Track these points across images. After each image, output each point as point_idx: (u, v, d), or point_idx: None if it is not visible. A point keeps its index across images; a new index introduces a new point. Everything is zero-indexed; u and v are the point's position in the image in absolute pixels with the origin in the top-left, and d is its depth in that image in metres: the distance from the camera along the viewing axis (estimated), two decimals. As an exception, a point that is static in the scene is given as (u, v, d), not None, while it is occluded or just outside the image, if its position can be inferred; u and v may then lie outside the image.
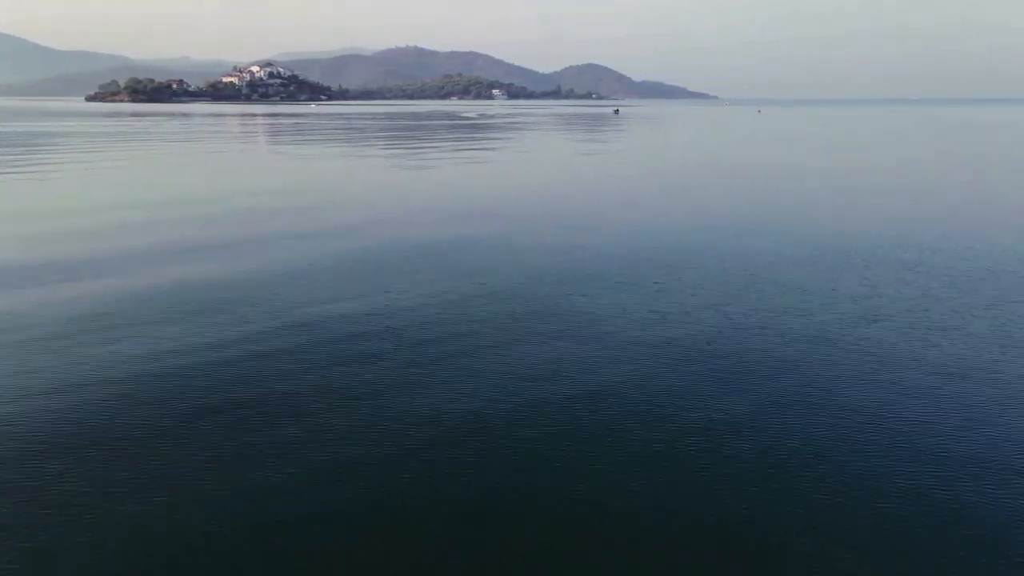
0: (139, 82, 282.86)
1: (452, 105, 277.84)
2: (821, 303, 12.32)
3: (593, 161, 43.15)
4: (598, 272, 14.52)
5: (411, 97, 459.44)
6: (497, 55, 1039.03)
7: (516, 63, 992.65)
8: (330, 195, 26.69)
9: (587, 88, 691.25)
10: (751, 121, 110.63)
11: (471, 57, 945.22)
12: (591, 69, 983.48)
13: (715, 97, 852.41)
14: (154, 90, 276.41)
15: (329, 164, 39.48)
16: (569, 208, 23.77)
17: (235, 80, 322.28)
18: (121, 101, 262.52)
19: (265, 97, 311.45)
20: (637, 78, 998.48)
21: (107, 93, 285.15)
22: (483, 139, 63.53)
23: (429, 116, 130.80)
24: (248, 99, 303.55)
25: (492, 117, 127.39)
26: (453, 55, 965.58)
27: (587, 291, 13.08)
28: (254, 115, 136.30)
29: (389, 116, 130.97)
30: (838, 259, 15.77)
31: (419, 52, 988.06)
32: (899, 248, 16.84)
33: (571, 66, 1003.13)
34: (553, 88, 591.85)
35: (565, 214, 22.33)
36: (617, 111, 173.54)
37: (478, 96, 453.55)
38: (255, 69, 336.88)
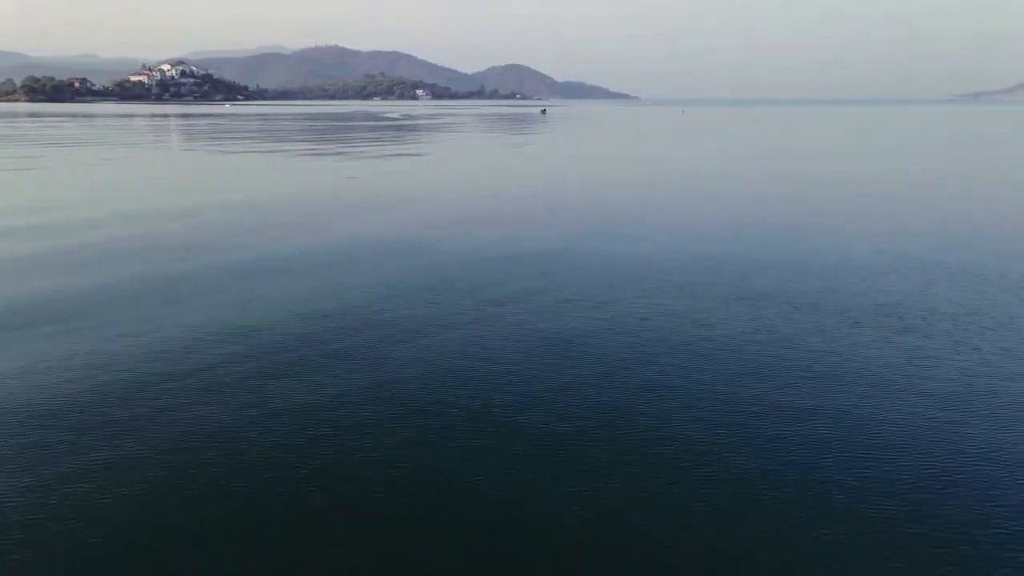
0: (37, 81, 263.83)
1: (375, 105, 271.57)
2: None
3: (551, 161, 40.96)
4: (510, 275, 13.73)
5: (333, 97, 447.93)
6: (420, 55, 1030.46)
7: (439, 63, 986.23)
8: (231, 200, 24.41)
9: (510, 88, 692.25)
10: (681, 120, 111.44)
11: (394, 57, 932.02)
12: (514, 69, 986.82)
13: (635, 97, 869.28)
14: (54, 89, 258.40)
15: (243, 166, 36.05)
16: (513, 209, 22.54)
17: (144, 79, 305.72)
18: (17, 101, 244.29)
19: (177, 97, 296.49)
20: (559, 78, 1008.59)
21: (1, 93, 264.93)
22: (409, 141, 60.53)
23: (352, 117, 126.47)
24: (159, 99, 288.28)
25: (416, 118, 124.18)
26: (375, 55, 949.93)
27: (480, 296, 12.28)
28: (166, 116, 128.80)
29: (310, 116, 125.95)
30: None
31: (340, 51, 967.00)
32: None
33: (494, 67, 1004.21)
34: (477, 88, 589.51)
35: (507, 215, 21.19)
36: (544, 111, 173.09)
37: (401, 96, 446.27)
38: (166, 68, 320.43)
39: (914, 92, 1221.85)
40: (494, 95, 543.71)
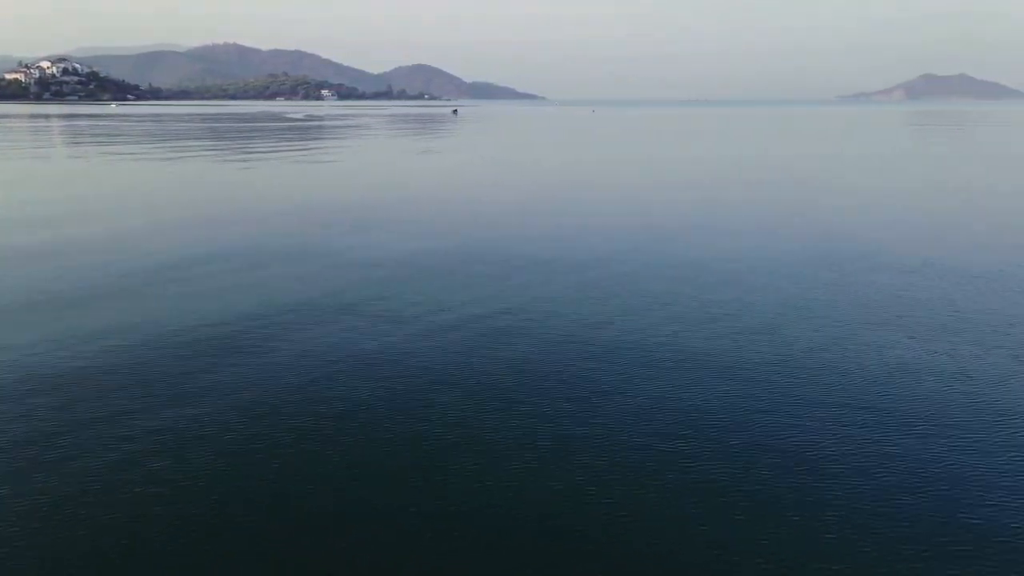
0: None
1: (279, 106, 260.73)
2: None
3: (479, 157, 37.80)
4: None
5: (234, 97, 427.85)
6: (325, 54, 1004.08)
7: (345, 63, 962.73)
8: (111, 208, 20.90)
9: (419, 89, 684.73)
10: (593, 120, 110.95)
11: (297, 56, 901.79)
12: (422, 70, 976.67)
13: (543, 98, 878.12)
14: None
15: (129, 171, 31.06)
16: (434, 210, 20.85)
17: (21, 77, 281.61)
18: None
19: (59, 96, 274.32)
20: (468, 79, 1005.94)
21: None
22: (317, 143, 56.01)
23: (253, 117, 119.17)
24: (39, 98, 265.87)
25: (322, 118, 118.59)
26: (277, 53, 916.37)
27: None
28: (47, 116, 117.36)
29: (206, 117, 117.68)
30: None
31: (240, 49, 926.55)
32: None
33: (401, 67, 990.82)
34: (384, 89, 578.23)
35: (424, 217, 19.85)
36: (456, 111, 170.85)
37: (307, 97, 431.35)
38: (46, 65, 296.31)
39: (807, 94, 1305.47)
40: (402, 95, 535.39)
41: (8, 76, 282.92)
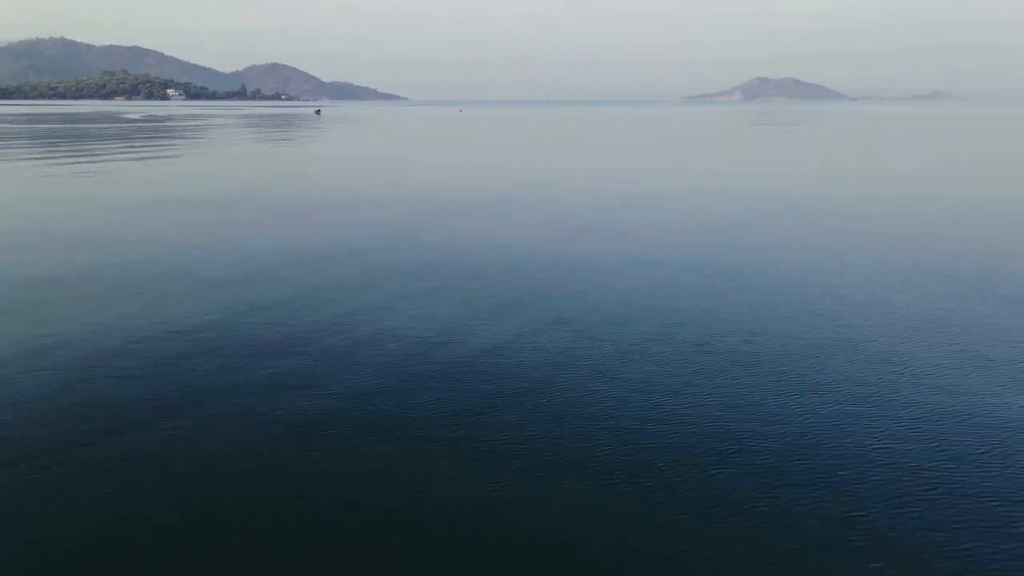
0: None
1: (116, 105, 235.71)
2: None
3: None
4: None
5: (64, 97, 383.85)
6: (169, 51, 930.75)
7: (193, 61, 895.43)
8: None
9: (275, 88, 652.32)
10: (459, 119, 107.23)
11: (136, 53, 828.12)
12: (277, 69, 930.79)
13: (405, 98, 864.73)
14: None
15: None
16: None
17: None
18: None
19: None
20: (326, 79, 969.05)
21: None
22: (160, 144, 47.30)
23: (82, 118, 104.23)
24: None
25: (163, 119, 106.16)
26: (113, 49, 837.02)
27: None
28: None
29: (27, 118, 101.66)
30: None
31: (68, 44, 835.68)
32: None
33: (255, 66, 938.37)
34: (238, 88, 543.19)
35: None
36: (319, 111, 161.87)
37: (150, 96, 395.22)
38: None
39: (659, 94, 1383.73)
40: (258, 96, 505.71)
41: None
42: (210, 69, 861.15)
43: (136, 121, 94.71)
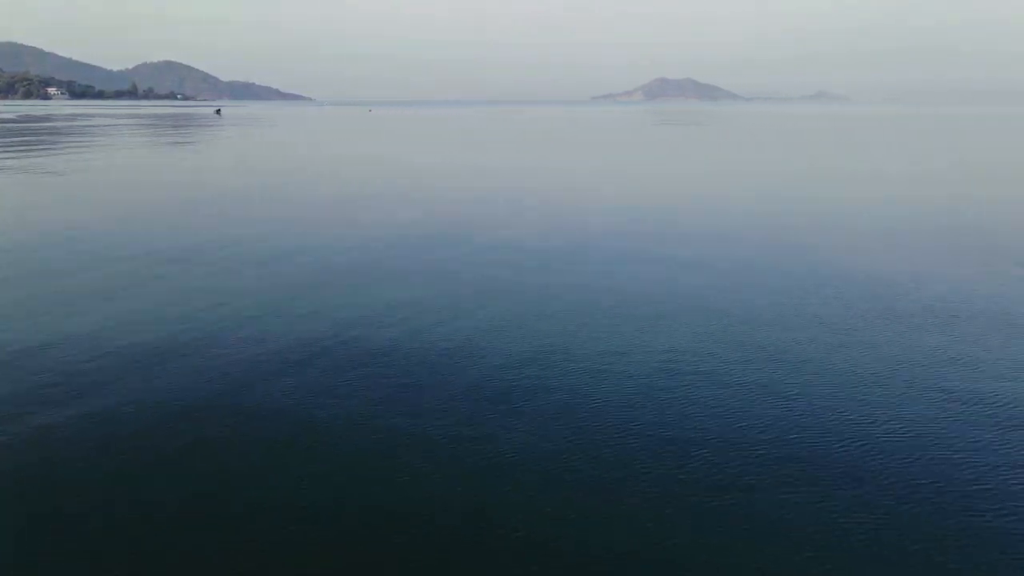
0: None
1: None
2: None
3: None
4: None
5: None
6: (49, 48, 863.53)
7: (76, 58, 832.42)
8: None
9: (168, 87, 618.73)
10: (371, 119, 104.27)
11: (13, 49, 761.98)
12: (171, 67, 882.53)
13: (310, 98, 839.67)
14: None
15: None
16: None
17: None
18: None
19: None
20: (225, 78, 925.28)
21: None
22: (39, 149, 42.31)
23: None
24: None
25: (45, 119, 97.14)
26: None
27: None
28: None
29: None
30: None
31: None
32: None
33: (146, 63, 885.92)
34: (128, 87, 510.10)
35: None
36: (219, 111, 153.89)
37: (28, 95, 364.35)
38: None
39: (567, 94, 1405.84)
40: (150, 95, 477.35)
41: None
42: (97, 67, 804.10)
43: (9, 121, 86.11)
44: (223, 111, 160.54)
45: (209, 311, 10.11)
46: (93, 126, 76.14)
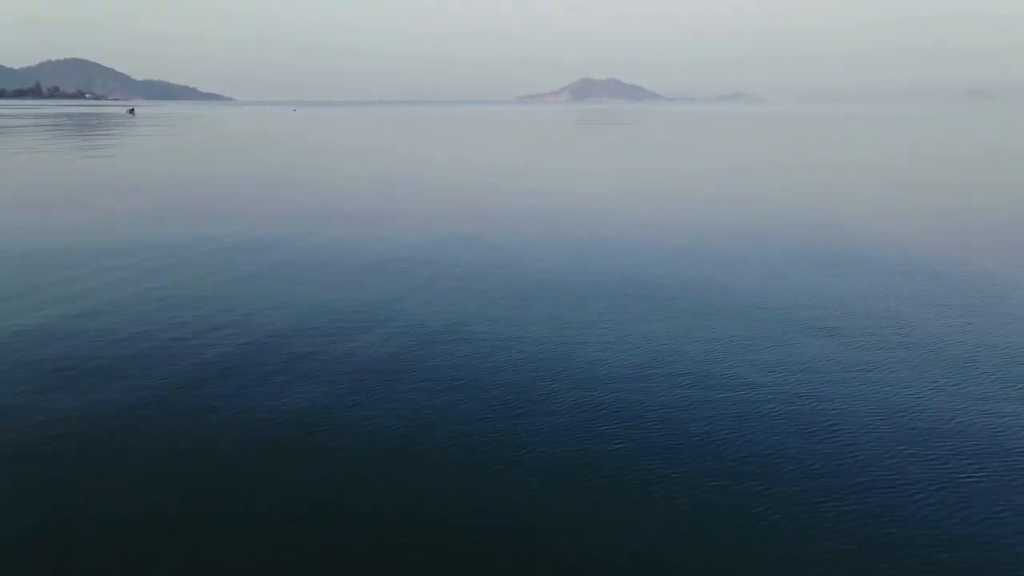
0: None
1: None
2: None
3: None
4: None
5: None
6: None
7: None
8: None
9: (76, 86, 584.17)
10: (295, 120, 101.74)
11: None
12: (79, 65, 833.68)
13: (230, 98, 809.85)
14: None
15: None
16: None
17: None
18: None
19: None
20: (138, 76, 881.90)
21: None
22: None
23: None
24: None
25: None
26: None
27: None
28: None
29: None
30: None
31: None
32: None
33: (50, 60, 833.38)
34: (31, 86, 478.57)
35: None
36: (132, 111, 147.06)
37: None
38: None
39: (493, 95, 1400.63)
40: (56, 94, 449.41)
41: None
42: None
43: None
44: (136, 111, 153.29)
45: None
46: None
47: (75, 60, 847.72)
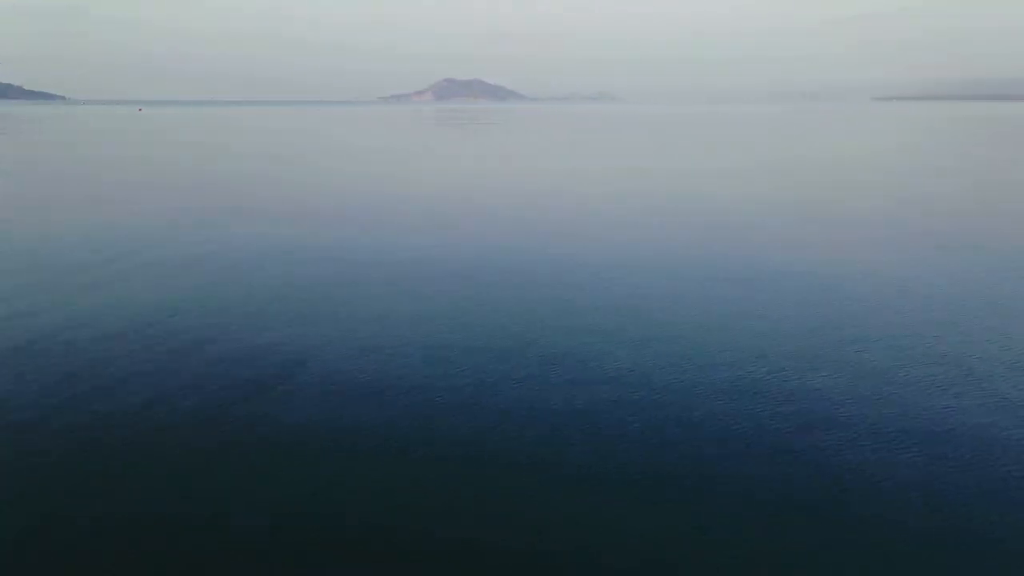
0: None
1: None
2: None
3: None
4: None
5: None
6: None
7: None
8: None
9: None
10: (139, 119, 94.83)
11: None
12: None
13: (62, 97, 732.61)
14: None
15: None
16: None
17: None
18: None
19: None
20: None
21: None
22: None
23: None
24: None
25: None
26: None
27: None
28: None
29: None
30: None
31: None
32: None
33: None
34: None
35: None
36: None
37: None
38: None
39: (353, 95, 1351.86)
40: None
41: None
42: None
43: None
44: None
45: None
46: None
47: None
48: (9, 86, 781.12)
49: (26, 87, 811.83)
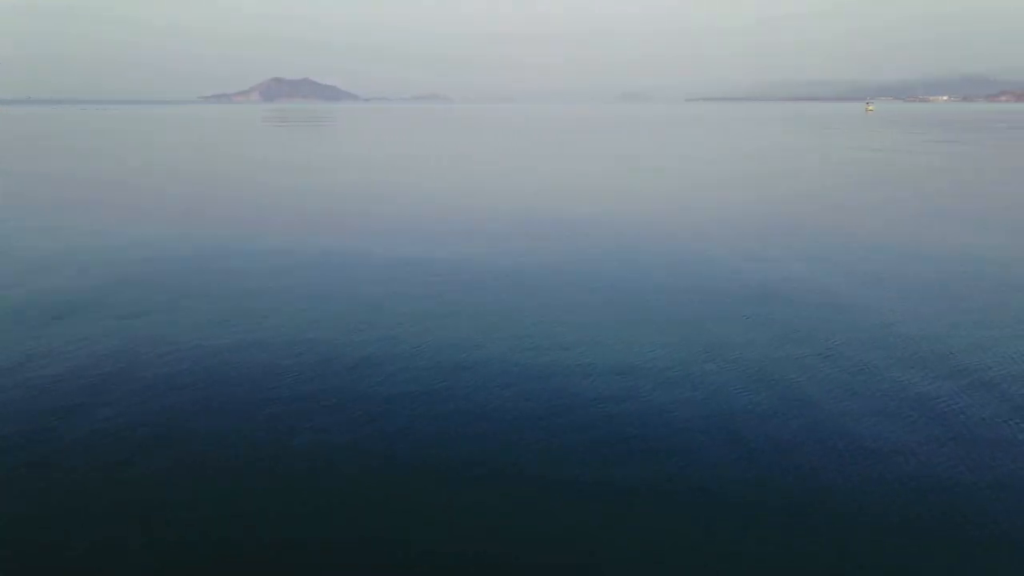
0: None
1: None
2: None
3: None
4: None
5: None
6: None
7: None
8: None
9: None
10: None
11: None
12: None
13: None
14: None
15: None
16: None
17: None
18: None
19: None
20: None
21: None
22: None
23: None
24: None
25: None
26: None
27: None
28: None
29: None
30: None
31: None
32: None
33: None
34: None
35: None
36: None
37: None
38: None
39: (171, 95, 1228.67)
40: None
41: None
42: None
43: None
44: None
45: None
46: None
47: None
48: None
49: None
